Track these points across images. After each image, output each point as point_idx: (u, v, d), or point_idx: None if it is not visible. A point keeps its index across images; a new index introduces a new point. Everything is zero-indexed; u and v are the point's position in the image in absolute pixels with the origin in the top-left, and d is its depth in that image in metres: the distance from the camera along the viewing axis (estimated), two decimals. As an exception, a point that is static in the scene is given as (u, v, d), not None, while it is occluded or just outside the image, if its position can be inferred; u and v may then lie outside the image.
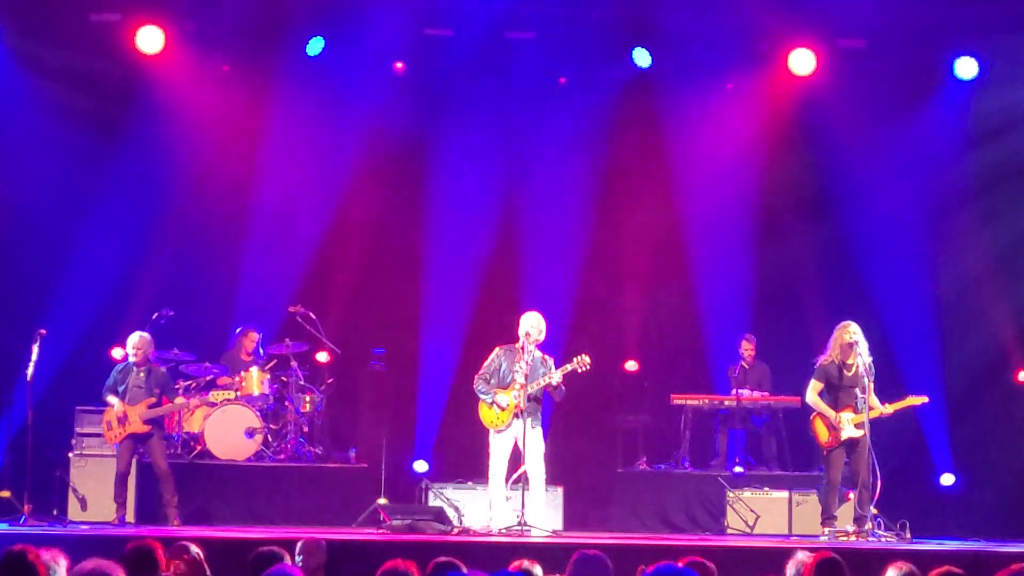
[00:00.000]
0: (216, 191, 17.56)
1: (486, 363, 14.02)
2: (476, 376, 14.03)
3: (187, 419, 16.22)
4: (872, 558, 10.88)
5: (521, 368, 13.71)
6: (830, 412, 13.80)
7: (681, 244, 18.10)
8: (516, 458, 13.82)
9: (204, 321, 17.56)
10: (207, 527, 14.58)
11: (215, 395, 16.07)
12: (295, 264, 17.89)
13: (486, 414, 13.90)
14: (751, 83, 17.51)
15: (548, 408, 14.40)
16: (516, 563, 7.83)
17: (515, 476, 13.71)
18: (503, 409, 13.73)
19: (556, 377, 13.68)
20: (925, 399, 14.29)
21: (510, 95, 17.74)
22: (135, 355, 14.53)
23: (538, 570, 7.66)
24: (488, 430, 13.92)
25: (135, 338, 14.61)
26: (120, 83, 17.04)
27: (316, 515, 15.51)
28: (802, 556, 7.81)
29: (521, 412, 13.61)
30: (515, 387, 13.67)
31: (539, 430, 13.86)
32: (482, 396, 13.90)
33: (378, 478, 15.91)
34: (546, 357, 13.95)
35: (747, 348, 17.38)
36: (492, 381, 13.89)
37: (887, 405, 13.83)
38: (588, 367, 13.74)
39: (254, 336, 17.07)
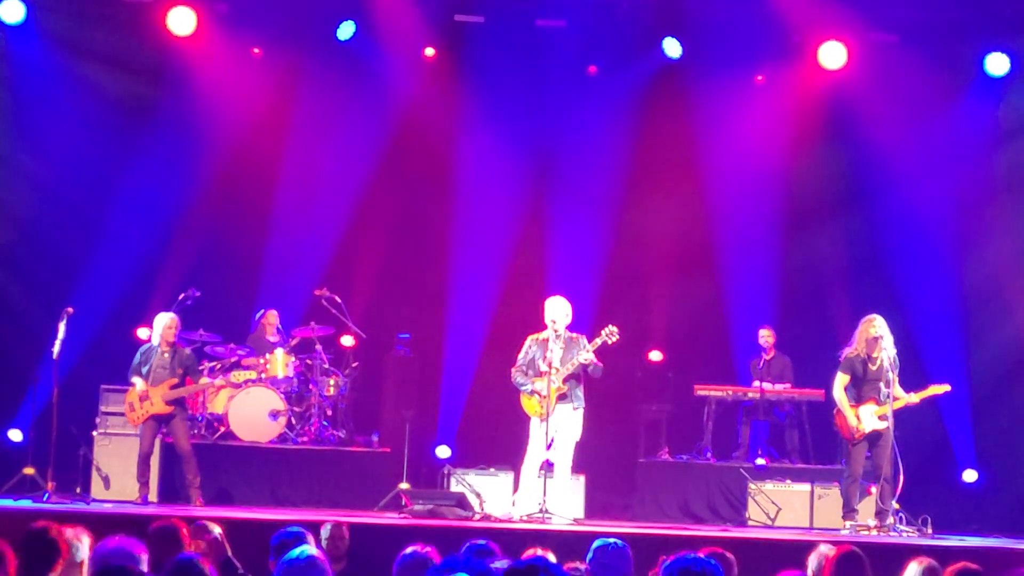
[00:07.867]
0: (244, 174, 17.60)
1: (520, 354, 14.00)
2: (513, 369, 13.98)
3: (211, 400, 16.26)
4: (893, 553, 10.87)
5: (553, 354, 13.71)
6: (850, 412, 13.79)
7: (707, 235, 18.09)
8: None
9: (230, 303, 17.61)
10: (229, 508, 14.65)
11: (236, 375, 16.10)
12: (322, 247, 17.93)
13: (528, 404, 13.86)
14: (781, 76, 17.49)
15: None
16: (530, 551, 7.86)
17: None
18: (544, 397, 13.71)
19: (584, 356, 13.65)
20: (947, 387, 14.32)
21: (540, 83, 17.72)
22: (164, 336, 14.56)
23: (552, 557, 7.67)
24: (528, 418, 13.90)
25: (164, 318, 14.63)
26: (151, 64, 17.09)
27: (338, 498, 15.55)
28: (825, 549, 7.83)
29: (558, 397, 13.64)
30: (548, 373, 13.68)
31: (580, 413, 13.84)
32: (522, 388, 13.86)
33: (401, 463, 15.89)
34: (578, 337, 13.92)
35: (765, 337, 17.33)
36: (529, 372, 13.87)
37: (912, 394, 13.85)
38: (617, 336, 13.73)
39: (273, 314, 17.10)
